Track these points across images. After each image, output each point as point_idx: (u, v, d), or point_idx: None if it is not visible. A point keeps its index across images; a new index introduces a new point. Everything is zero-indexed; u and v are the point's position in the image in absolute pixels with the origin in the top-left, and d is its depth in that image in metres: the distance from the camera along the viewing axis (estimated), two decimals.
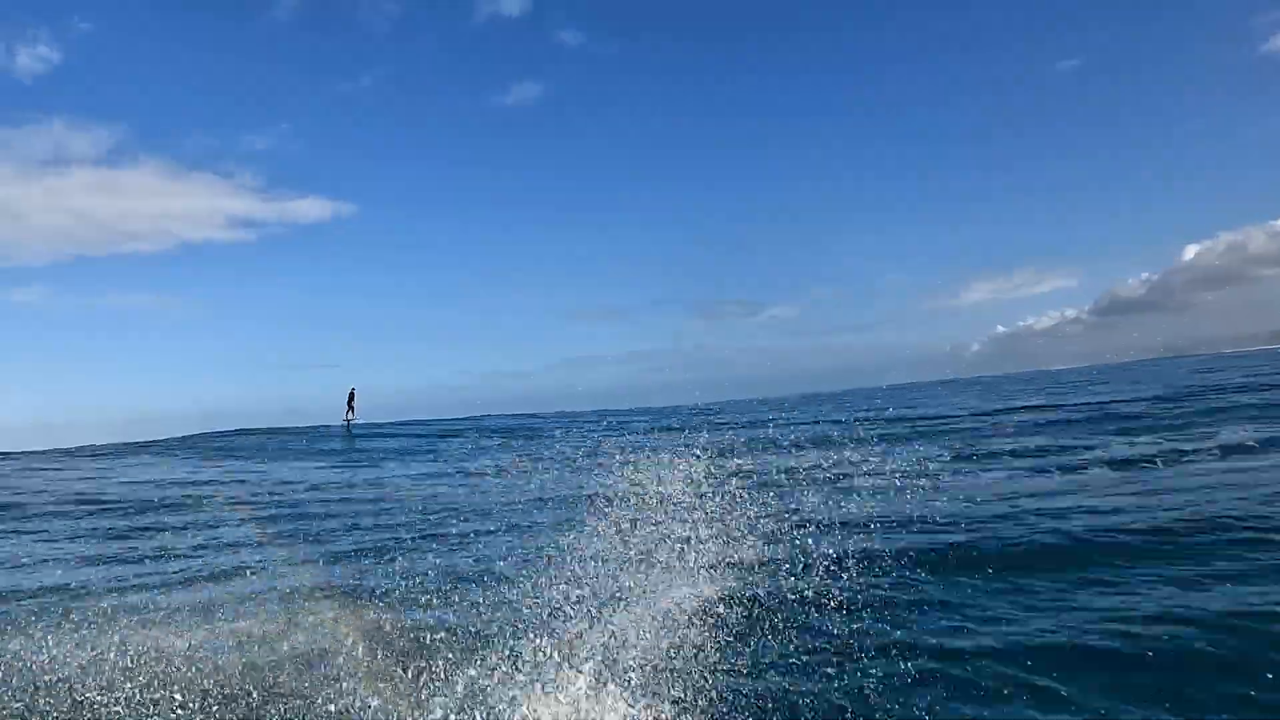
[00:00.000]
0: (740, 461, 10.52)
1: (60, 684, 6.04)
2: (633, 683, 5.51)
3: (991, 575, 8.20)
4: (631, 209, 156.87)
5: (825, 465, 14.89)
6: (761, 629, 6.63)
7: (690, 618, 6.26)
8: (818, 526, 9.41)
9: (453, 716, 5.37)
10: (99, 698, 5.85)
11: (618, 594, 6.38)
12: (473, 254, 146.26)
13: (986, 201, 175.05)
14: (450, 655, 5.99)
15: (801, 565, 7.43)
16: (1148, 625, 6.53)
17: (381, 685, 5.95)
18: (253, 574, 10.51)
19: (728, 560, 7.15)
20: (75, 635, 6.82)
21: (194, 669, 6.32)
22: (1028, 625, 6.84)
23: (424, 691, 5.70)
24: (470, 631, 6.54)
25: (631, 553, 6.81)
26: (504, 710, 5.31)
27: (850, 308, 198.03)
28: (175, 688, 5.97)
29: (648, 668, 5.65)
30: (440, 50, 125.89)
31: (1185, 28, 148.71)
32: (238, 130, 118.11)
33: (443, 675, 5.81)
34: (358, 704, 5.73)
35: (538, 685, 5.42)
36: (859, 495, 12.42)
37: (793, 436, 22.23)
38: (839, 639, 6.58)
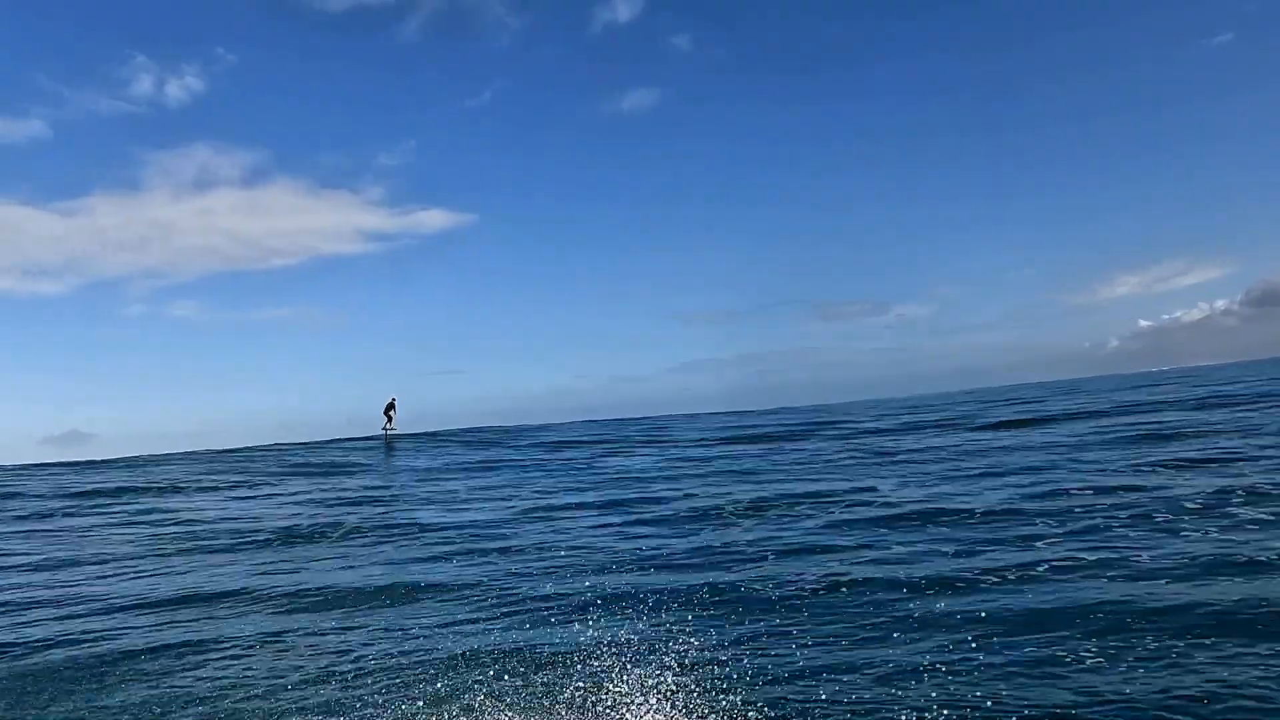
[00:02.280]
0: None
1: None
2: None
3: None
4: (750, 210, 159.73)
5: None
6: None
7: None
8: None
9: None
10: None
11: None
12: (589, 259, 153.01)
13: (1130, 189, 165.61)
14: None
15: None
16: None
17: None
18: None
19: None
20: None
21: None
22: None
23: None
24: None
25: None
26: None
27: (982, 304, 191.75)
28: None
29: None
30: (557, 61, 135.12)
31: None
32: (369, 148, 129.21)
33: None
34: None
35: None
36: None
37: None
38: None
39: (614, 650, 7.74)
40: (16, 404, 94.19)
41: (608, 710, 6.56)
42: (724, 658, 7.82)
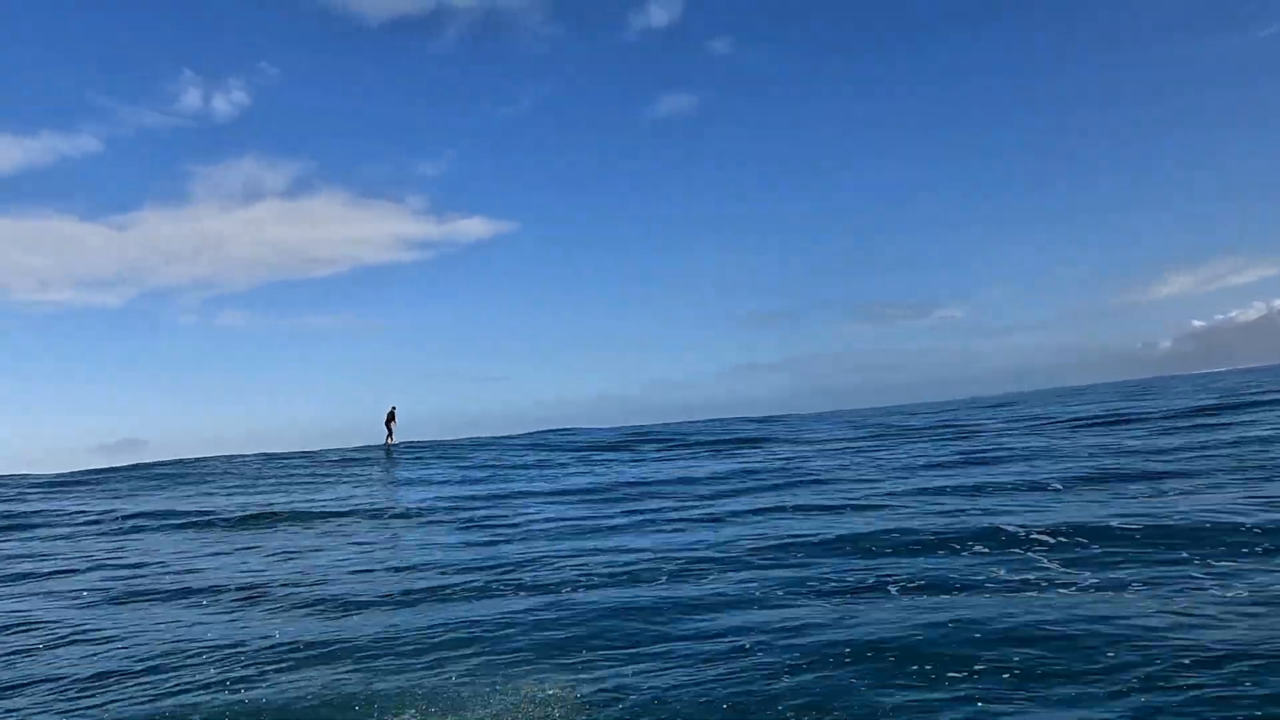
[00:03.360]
0: None
1: None
2: None
3: None
4: (791, 212, 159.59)
5: None
6: None
7: None
8: None
9: None
10: None
11: None
12: (629, 264, 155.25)
13: (1180, 183, 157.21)
14: None
15: None
16: None
17: None
18: None
19: None
20: None
21: None
22: None
23: None
24: None
25: None
26: None
27: (1027, 306, 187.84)
28: None
29: None
30: (594, 68, 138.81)
31: None
32: (410, 158, 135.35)
33: None
34: None
35: None
36: None
37: None
38: None
39: None
40: (72, 413, 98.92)
41: None
42: None
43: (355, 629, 9.16)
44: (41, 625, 10.41)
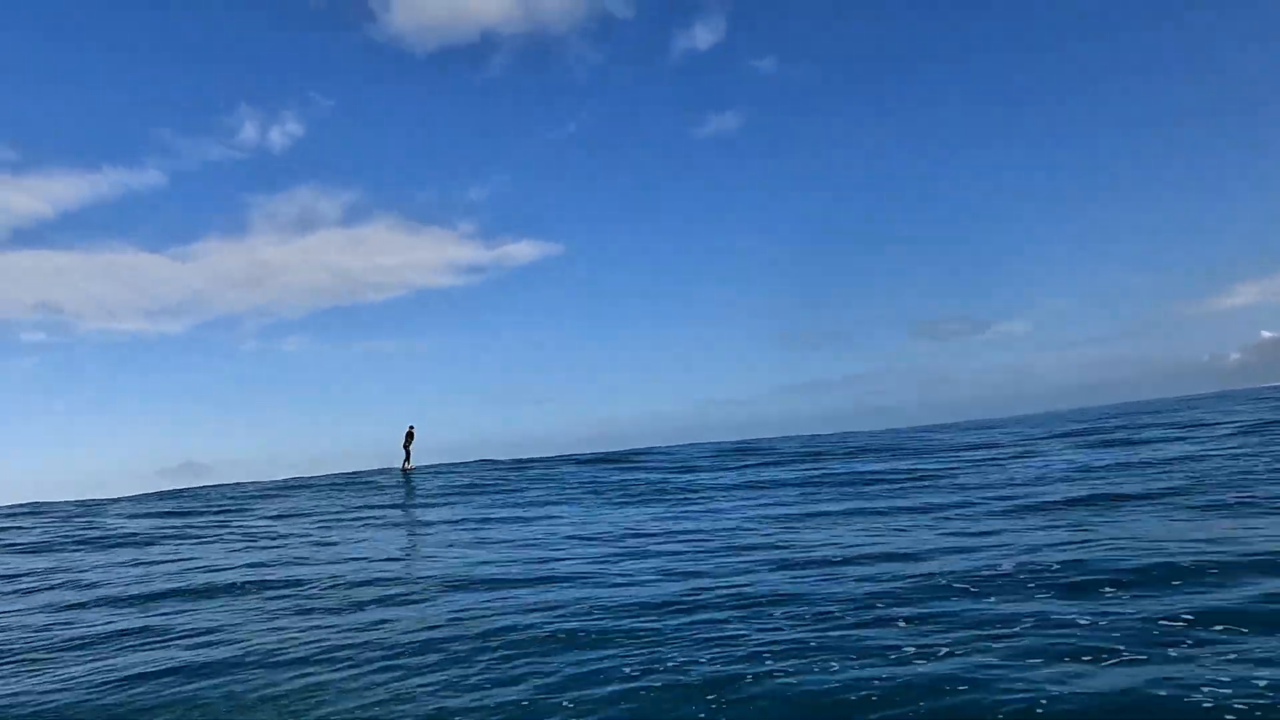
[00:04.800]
0: None
1: None
2: None
3: None
4: (843, 228, 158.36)
5: None
6: None
7: None
8: None
9: None
10: None
11: None
12: (678, 283, 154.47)
13: (1251, 191, 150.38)
14: None
15: None
16: None
17: None
18: None
19: None
20: None
21: None
22: None
23: None
24: None
25: None
26: None
27: (1089, 319, 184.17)
28: None
29: None
30: (639, 90, 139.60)
31: None
32: (460, 183, 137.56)
33: None
34: None
35: None
36: None
37: None
38: None
39: None
40: (139, 438, 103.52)
41: None
42: None
43: None
44: None
